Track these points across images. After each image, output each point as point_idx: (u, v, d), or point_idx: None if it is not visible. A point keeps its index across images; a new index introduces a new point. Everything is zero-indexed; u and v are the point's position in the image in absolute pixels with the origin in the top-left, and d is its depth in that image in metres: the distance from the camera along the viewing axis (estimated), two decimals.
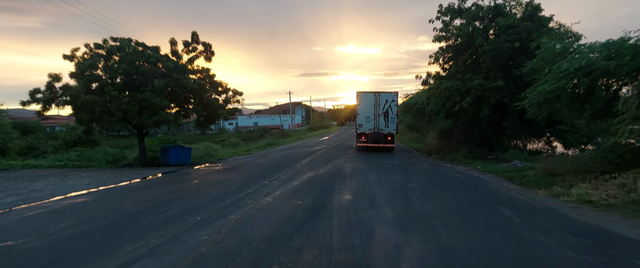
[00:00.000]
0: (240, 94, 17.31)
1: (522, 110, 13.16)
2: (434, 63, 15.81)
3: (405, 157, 16.47)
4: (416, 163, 13.93)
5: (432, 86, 15.38)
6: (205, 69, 16.12)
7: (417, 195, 7.68)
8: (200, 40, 15.54)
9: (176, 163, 15.39)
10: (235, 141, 31.97)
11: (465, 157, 14.40)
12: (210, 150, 22.36)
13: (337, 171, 11.81)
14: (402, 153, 18.44)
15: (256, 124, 75.12)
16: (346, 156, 16.99)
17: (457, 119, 14.95)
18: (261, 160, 16.83)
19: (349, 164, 13.65)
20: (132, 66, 14.22)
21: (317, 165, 13.70)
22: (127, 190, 9.51)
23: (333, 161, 14.83)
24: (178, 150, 15.63)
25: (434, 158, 15.66)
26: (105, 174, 12.88)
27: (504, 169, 10.86)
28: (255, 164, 15.06)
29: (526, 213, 6.05)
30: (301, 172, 11.66)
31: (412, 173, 11.27)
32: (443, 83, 14.08)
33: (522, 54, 13.07)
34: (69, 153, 18.43)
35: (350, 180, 9.82)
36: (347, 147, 23.17)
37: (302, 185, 9.27)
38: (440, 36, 15.19)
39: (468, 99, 13.17)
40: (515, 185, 8.76)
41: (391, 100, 19.23)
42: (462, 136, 18.16)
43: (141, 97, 13.61)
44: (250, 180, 10.44)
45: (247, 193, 8.22)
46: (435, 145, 18.59)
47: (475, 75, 13.59)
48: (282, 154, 19.49)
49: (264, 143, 28.16)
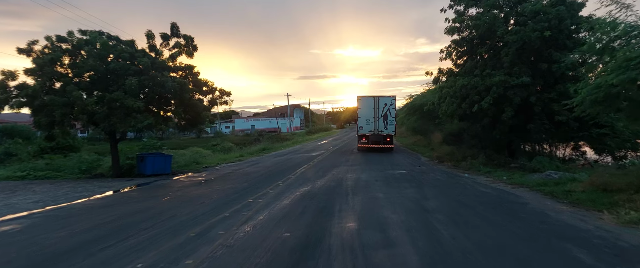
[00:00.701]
0: (228, 95, 15.47)
1: (551, 111, 11.40)
2: (445, 58, 14.00)
3: (414, 164, 14.62)
4: (428, 173, 12.08)
5: (444, 84, 13.55)
6: (189, 66, 14.29)
7: (442, 221, 5.84)
8: (180, 33, 13.73)
9: (154, 173, 13.53)
10: (229, 146, 30.09)
11: (484, 164, 12.56)
12: (198, 157, 20.50)
13: (338, 183, 9.96)
14: (409, 159, 16.60)
15: (253, 127, 73.28)
16: (347, 163, 15.14)
17: (474, 121, 13.14)
18: (251, 168, 14.97)
19: (351, 174, 11.80)
20: (100, 62, 12.41)
21: (315, 175, 11.85)
22: (76, 212, 7.65)
23: (333, 170, 12.98)
24: (156, 158, 13.77)
25: (446, 166, 13.81)
26: (66, 187, 11.01)
27: (537, 182, 9.02)
28: (243, 174, 13.19)
29: (611, 256, 4.21)
30: (295, 185, 9.81)
31: (427, 186, 9.42)
32: (458, 80, 12.27)
33: (551, 45, 11.28)
34: (37, 162, 16.56)
35: (353, 197, 7.97)
36: (348, 152, 21.30)
37: (294, 204, 7.41)
38: (453, 28, 13.39)
39: (488, 98, 11.36)
40: (563, 205, 6.90)
41: (390, 104, 20.58)
42: (476, 141, 16.30)
43: (110, 98, 11.77)
44: (232, 196, 8.58)
45: (222, 218, 6.37)
46: (446, 151, 16.76)
47: (496, 71, 11.79)
48: (276, 161, 17.63)
49: (258, 149, 26.31)
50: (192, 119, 14.16)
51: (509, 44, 11.53)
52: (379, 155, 19.18)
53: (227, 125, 79.08)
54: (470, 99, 12.07)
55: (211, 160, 19.83)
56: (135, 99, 12.11)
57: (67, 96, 11.52)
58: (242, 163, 17.43)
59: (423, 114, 25.14)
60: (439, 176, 11.30)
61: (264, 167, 15.22)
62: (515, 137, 12.83)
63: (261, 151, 25.23)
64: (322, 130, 65.92)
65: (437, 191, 8.73)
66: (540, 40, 11.01)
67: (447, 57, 13.97)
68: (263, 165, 15.76)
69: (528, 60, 11.80)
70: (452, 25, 13.40)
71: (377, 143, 20.57)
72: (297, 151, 23.79)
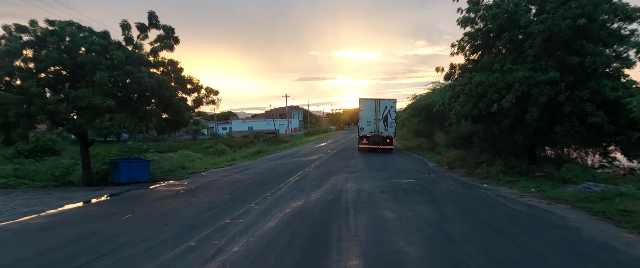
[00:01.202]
0: (216, 93, 13.93)
1: (582, 111, 9.88)
2: (457, 53, 12.48)
3: (422, 171, 13.09)
4: (440, 182, 10.54)
5: (458, 82, 12.01)
6: (172, 62, 12.74)
7: (477, 260, 4.30)
8: (160, 24, 12.19)
9: (129, 181, 11.97)
10: (222, 148, 28.54)
11: (502, 172, 11.04)
12: (185, 161, 18.97)
13: (336, 196, 8.42)
14: (416, 165, 15.06)
15: (251, 128, 71.77)
16: (347, 169, 13.59)
17: (491, 123, 11.60)
18: (240, 175, 13.41)
19: (351, 183, 10.26)
20: (68, 55, 10.88)
21: (310, 184, 10.31)
22: (7, 237, 6.09)
23: (331, 178, 11.44)
24: (132, 165, 12.21)
25: (459, 174, 12.27)
26: (20, 199, 9.45)
27: (576, 196, 7.50)
28: (229, 182, 11.64)
29: None
30: (286, 198, 8.27)
31: (444, 200, 7.89)
32: (475, 77, 10.74)
33: (582, 36, 9.77)
34: (4, 167, 15.00)
35: (355, 217, 6.43)
36: (348, 156, 19.76)
37: (280, 228, 5.87)
38: (467, 18, 11.87)
39: (510, 96, 9.83)
40: (627, 231, 5.37)
41: (390, 106, 21.55)
42: (488, 144, 14.79)
43: (74, 95, 10.22)
44: (207, 214, 7.03)
45: (185, 251, 4.83)
46: (455, 155, 15.23)
47: (518, 65, 10.27)
48: (270, 166, 16.08)
49: (252, 152, 24.75)
50: (173, 120, 12.61)
51: (533, 35, 10.01)
52: (381, 159, 17.66)
53: (224, 126, 77.48)
54: (488, 98, 10.54)
55: (200, 164, 18.28)
56: (105, 97, 10.56)
57: (25, 93, 9.99)
58: (231, 169, 15.88)
59: (428, 115, 23.70)
60: (453, 186, 9.76)
61: (254, 173, 13.67)
62: (538, 141, 11.30)
63: (255, 154, 23.67)
64: (321, 131, 64.45)
65: (457, 208, 7.19)
66: (571, 30, 9.49)
67: (459, 51, 12.45)
68: (254, 172, 14.20)
69: (555, 54, 10.28)
70: (465, 15, 11.87)
71: (377, 144, 21.47)
72: (294, 154, 22.25)
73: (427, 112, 23.20)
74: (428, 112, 23.18)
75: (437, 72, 12.83)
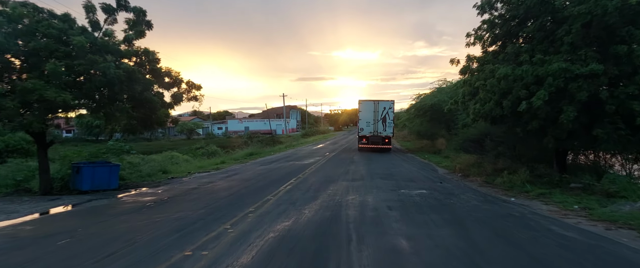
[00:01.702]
0: (198, 88, 12.28)
1: (628, 111, 8.28)
2: (474, 43, 10.87)
3: (432, 179, 11.47)
4: (456, 193, 8.92)
5: (476, 76, 10.36)
6: (147, 51, 11.09)
7: None
8: (130, 6, 10.52)
9: (93, 189, 10.28)
10: (213, 150, 26.87)
11: (528, 182, 9.44)
12: (169, 164, 17.28)
13: (335, 214, 6.78)
14: (424, 172, 13.44)
15: (247, 128, 70.08)
16: (347, 176, 11.97)
17: (514, 124, 9.99)
18: (225, 182, 11.75)
19: (352, 195, 8.63)
20: (20, 40, 9.22)
21: (303, 196, 8.67)
22: None
23: (329, 187, 9.80)
24: (97, 170, 10.51)
25: (476, 183, 10.65)
26: None
27: (637, 217, 5.89)
28: (209, 191, 9.97)
29: None
30: (271, 217, 6.63)
31: (467, 220, 6.27)
32: (498, 69, 9.11)
33: (630, 20, 8.18)
34: None
35: (359, 249, 4.79)
36: (348, 159, 18.13)
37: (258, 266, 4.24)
38: (486, 3, 10.30)
39: (542, 92, 8.23)
40: None
41: (388, 108, 22.06)
42: (507, 149, 13.21)
43: (22, 88, 8.56)
44: (168, 239, 5.38)
45: None
46: (467, 161, 13.63)
47: (550, 56, 8.68)
48: (261, 171, 14.43)
49: (244, 154, 23.07)
50: (146, 118, 10.94)
51: (570, 19, 8.41)
52: (385, 163, 16.05)
53: (220, 126, 75.71)
54: (514, 95, 8.93)
55: (184, 168, 16.60)
56: (60, 90, 8.90)
57: None
58: (217, 174, 14.20)
59: (433, 116, 22.14)
60: (474, 200, 8.13)
61: (241, 180, 12.00)
62: (573, 146, 9.71)
63: (247, 157, 21.99)
64: (319, 132, 62.80)
65: (489, 233, 5.57)
66: (619, 13, 7.89)
67: (476, 41, 10.85)
68: (241, 178, 12.54)
69: (595, 42, 8.69)
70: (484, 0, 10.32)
71: (376, 144, 22.14)
72: (289, 157, 20.60)
73: (433, 112, 21.67)
74: (433, 112, 21.65)
75: (451, 64, 11.21)
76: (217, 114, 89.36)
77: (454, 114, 20.79)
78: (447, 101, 20.90)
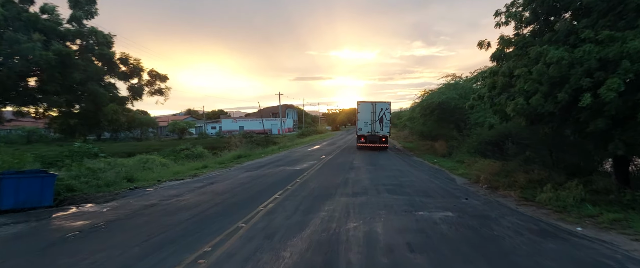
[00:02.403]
0: (164, 79, 10.07)
1: None
2: (506, 22, 8.58)
3: (454, 193, 9.17)
4: (496, 218, 6.61)
5: (513, 63, 8.01)
6: (95, 31, 8.79)
7: None
8: None
9: (18, 207, 7.91)
10: (199, 152, 24.40)
11: (585, 200, 7.15)
12: (140, 170, 14.90)
13: (327, 261, 4.48)
14: (439, 181, 11.13)
15: (242, 128, 67.63)
16: (347, 188, 9.66)
17: (564, 123, 7.71)
18: (194, 196, 9.39)
19: (354, 221, 6.32)
20: None
21: (287, 223, 6.35)
22: None
23: (322, 207, 7.49)
24: (22, 182, 8.11)
25: (511, 199, 8.32)
26: None
27: None
28: (167, 212, 7.62)
29: None
30: (238, 260, 4.33)
31: None
32: (549, 52, 6.83)
33: None
34: None
35: None
36: (347, 164, 15.82)
37: None
38: None
39: (614, 81, 6.00)
40: None
41: (385, 109, 23.37)
42: (536, 154, 10.96)
43: None
44: None
45: None
46: (490, 168, 11.35)
47: (623, 32, 6.44)
48: (242, 180, 12.10)
49: (231, 156, 20.70)
50: (87, 114, 8.62)
51: None
52: (390, 169, 13.76)
53: (213, 125, 73.17)
54: (572, 84, 6.64)
55: (156, 174, 14.22)
56: None
57: None
58: (191, 183, 11.86)
59: (441, 115, 19.87)
60: (525, 230, 5.82)
61: (214, 193, 9.66)
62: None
63: (234, 160, 19.62)
64: (316, 132, 60.48)
65: None
66: None
67: (510, 19, 8.55)
68: (215, 190, 10.19)
69: None
70: None
71: (373, 143, 23.41)
72: (280, 161, 18.27)
73: (441, 111, 19.41)
74: (442, 110, 19.39)
75: (479, 48, 8.87)
76: (212, 113, 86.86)
77: (465, 113, 18.56)
78: (457, 98, 18.79)
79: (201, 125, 70.03)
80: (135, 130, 61.03)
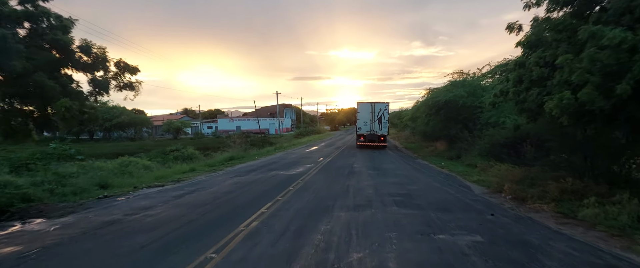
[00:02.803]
0: (134, 72, 8.54)
1: None
2: (537, 3, 7.17)
3: (475, 206, 7.74)
4: (540, 246, 5.16)
5: (552, 50, 6.56)
6: (45, 13, 7.33)
7: None
8: None
9: None
10: (189, 153, 22.96)
11: None
12: (117, 174, 13.47)
13: None
14: (454, 190, 9.69)
15: (239, 127, 66.14)
16: (347, 200, 8.23)
17: (611, 123, 6.31)
18: (167, 209, 7.94)
19: (358, 250, 4.88)
20: None
21: (271, 250, 4.92)
22: None
23: (318, 227, 6.06)
24: None
25: (549, 216, 6.87)
26: None
27: None
28: (126, 232, 6.15)
29: None
30: None
31: None
32: (603, 33, 5.38)
33: None
34: None
35: None
36: (347, 168, 14.40)
37: None
38: None
39: None
40: None
41: (384, 109, 24.19)
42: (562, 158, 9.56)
43: None
44: None
45: None
46: (509, 175, 9.93)
47: None
48: (228, 187, 10.66)
49: (223, 158, 19.26)
50: (32, 112, 7.16)
51: None
52: (397, 175, 12.34)
53: (209, 125, 71.65)
54: (636, 73, 5.22)
55: (135, 179, 12.78)
56: None
57: None
58: (170, 191, 10.41)
59: (448, 114, 18.48)
60: (585, 267, 4.43)
61: (192, 205, 8.21)
62: None
63: (226, 162, 18.20)
64: (314, 132, 59.03)
65: None
66: None
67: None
68: (194, 201, 8.74)
69: None
70: None
71: (373, 142, 24.22)
72: (274, 164, 16.84)
73: (448, 110, 18.03)
74: (449, 109, 18.01)
75: (508, 32, 7.46)
76: (209, 112, 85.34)
77: (474, 112, 17.18)
78: (465, 96, 17.41)
79: (197, 125, 68.52)
80: (129, 129, 59.54)
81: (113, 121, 53.08)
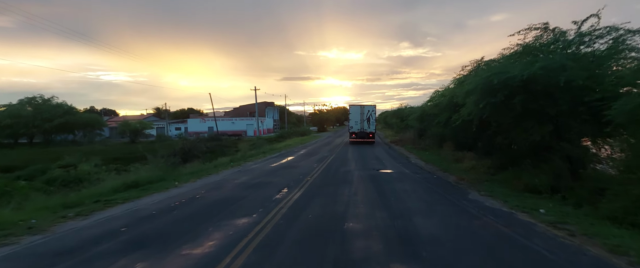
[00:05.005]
0: None
1: None
2: None
3: None
4: None
5: None
6: None
7: None
8: None
9: None
10: (87, 171, 14.75)
11: None
12: None
13: None
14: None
15: (211, 129, 57.58)
16: None
17: None
18: None
19: None
20: None
21: None
22: None
23: None
24: None
25: None
26: None
27: None
28: None
29: None
30: None
31: None
32: None
33: None
34: None
35: None
36: (335, 220, 6.48)
37: None
38: None
39: None
40: None
41: (372, 110, 28.90)
42: None
43: None
44: None
45: None
46: None
47: None
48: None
49: (117, 185, 10.91)
50: None
51: None
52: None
53: (178, 126, 62.89)
54: None
55: None
56: None
57: None
58: None
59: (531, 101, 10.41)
60: None
61: None
62: None
63: (114, 193, 10.04)
64: (297, 134, 50.92)
65: None
66: None
67: None
68: None
69: None
70: None
71: (363, 138, 28.71)
72: (189, 205, 8.85)
73: (529, 95, 10.06)
74: (529, 93, 10.01)
75: None
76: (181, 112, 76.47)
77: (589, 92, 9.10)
78: (574, 68, 9.58)
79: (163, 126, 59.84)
80: (78, 131, 50.47)
81: (54, 122, 43.89)
